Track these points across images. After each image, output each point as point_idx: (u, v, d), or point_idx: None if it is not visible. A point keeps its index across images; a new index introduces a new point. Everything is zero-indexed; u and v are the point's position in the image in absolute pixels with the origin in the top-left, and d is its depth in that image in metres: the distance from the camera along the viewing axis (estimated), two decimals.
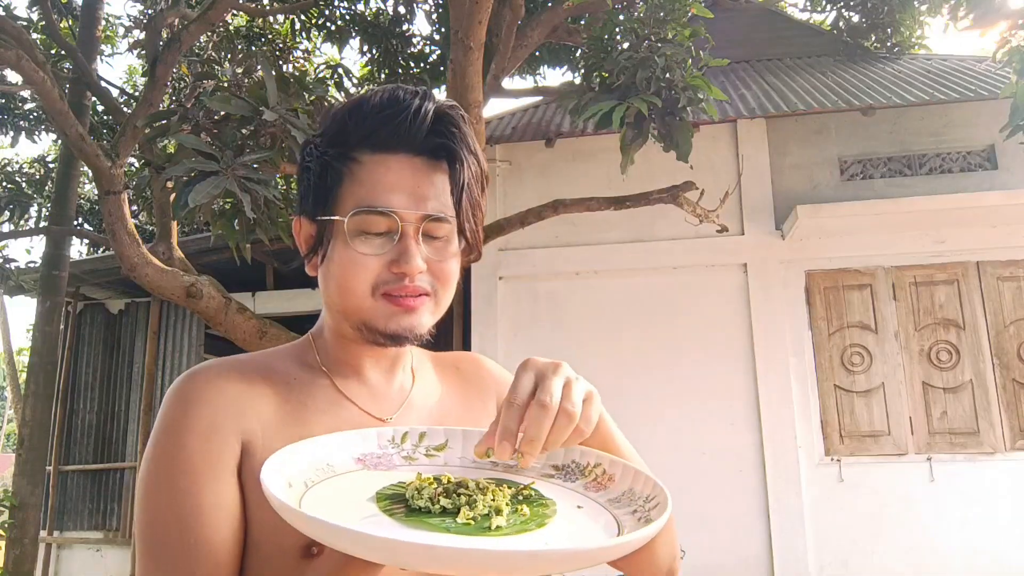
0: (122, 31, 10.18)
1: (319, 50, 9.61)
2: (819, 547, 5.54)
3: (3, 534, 6.15)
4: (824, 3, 8.40)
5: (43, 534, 6.97)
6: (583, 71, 5.07)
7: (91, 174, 5.59)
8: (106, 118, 8.68)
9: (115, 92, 9.01)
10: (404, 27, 7.95)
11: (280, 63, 8.00)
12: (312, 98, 4.30)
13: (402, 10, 7.92)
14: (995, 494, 5.42)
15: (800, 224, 5.64)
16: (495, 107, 15.34)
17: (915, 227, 5.78)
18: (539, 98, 7.56)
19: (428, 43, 8.09)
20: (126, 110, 6.03)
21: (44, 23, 6.37)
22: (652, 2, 4.33)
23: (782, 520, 5.58)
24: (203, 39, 7.58)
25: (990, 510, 5.40)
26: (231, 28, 8.07)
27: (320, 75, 7.75)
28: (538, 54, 8.02)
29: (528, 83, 9.18)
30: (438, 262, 0.79)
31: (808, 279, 5.98)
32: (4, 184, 8.22)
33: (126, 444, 7.59)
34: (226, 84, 4.57)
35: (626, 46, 4.36)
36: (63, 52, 6.34)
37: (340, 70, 7.63)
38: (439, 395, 0.91)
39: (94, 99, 6.74)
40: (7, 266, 7.13)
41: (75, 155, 5.34)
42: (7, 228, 7.97)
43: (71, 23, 7.71)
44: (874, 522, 5.52)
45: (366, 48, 7.89)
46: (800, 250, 6.00)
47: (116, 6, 40.48)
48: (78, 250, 10.94)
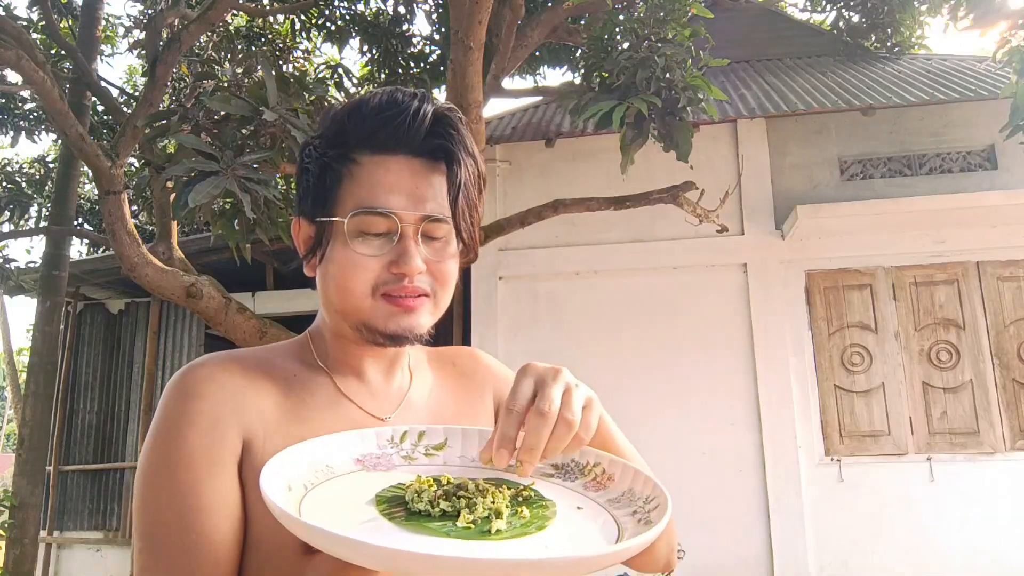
0: (122, 31, 10.18)
1: (319, 50, 9.62)
2: (819, 547, 5.54)
3: (3, 534, 6.15)
4: (824, 3, 8.39)
5: (43, 534, 6.97)
6: (583, 71, 5.07)
7: (91, 174, 5.59)
8: (106, 118, 8.67)
9: (115, 92, 9.01)
10: (404, 27, 7.95)
11: (280, 63, 7.99)
12: (312, 98, 4.30)
13: (402, 10, 7.92)
14: (995, 494, 5.42)
15: (800, 224, 5.64)
16: (495, 107, 15.35)
17: (915, 227, 5.78)
18: (539, 98, 7.55)
19: (428, 43, 8.09)
20: (126, 110, 6.03)
21: (44, 23, 6.36)
22: (652, 2, 4.33)
23: (782, 520, 5.58)
24: (203, 39, 7.57)
25: (990, 510, 5.40)
26: (231, 28, 8.07)
27: (320, 75, 7.75)
28: (538, 54, 8.02)
29: (528, 83, 9.18)
30: (437, 263, 0.79)
31: (808, 279, 5.98)
32: (4, 184, 8.21)
33: (126, 444, 7.59)
34: (226, 84, 4.56)
35: (626, 46, 4.35)
36: (63, 52, 6.33)
37: (340, 70, 7.63)
38: (437, 392, 0.91)
39: (94, 99, 6.74)
40: (7, 266, 7.12)
41: (75, 155, 5.33)
42: (7, 228, 7.97)
43: (71, 23, 7.71)
44: (874, 522, 5.52)
45: (366, 48, 7.89)
46: (800, 250, 6.00)
47: (116, 6, 40.50)
48: (78, 250, 10.96)
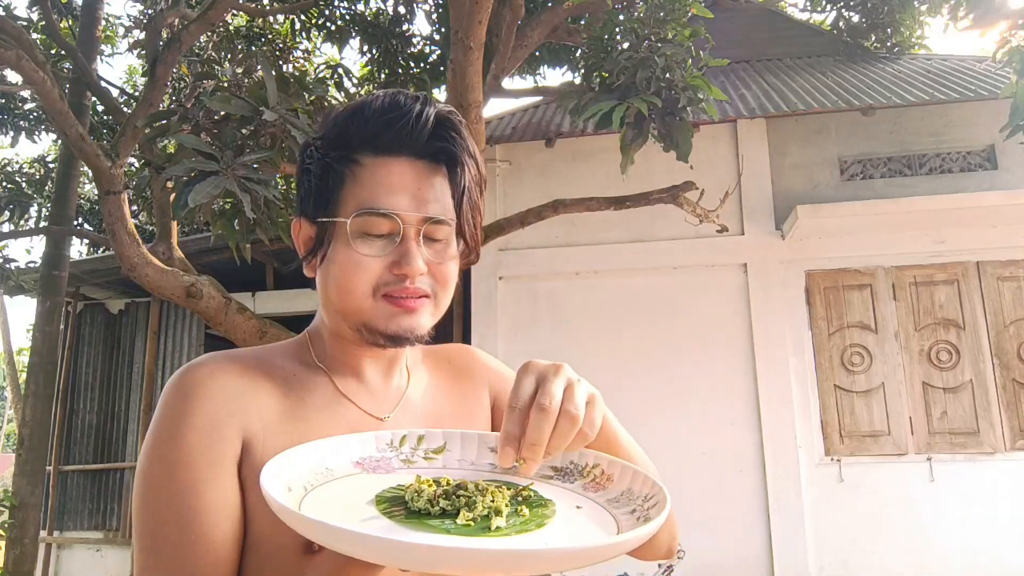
0: (122, 31, 10.18)
1: (319, 50, 9.62)
2: (819, 547, 5.54)
3: (3, 534, 6.15)
4: (824, 3, 8.39)
5: (43, 534, 6.97)
6: (583, 71, 5.07)
7: (91, 174, 5.59)
8: (106, 118, 8.67)
9: (115, 92, 9.00)
10: (404, 27, 7.95)
11: (280, 63, 7.99)
12: (312, 98, 4.30)
13: (402, 10, 7.92)
14: (995, 494, 5.42)
15: (800, 224, 5.64)
16: (495, 107, 15.36)
17: (915, 227, 5.78)
18: (539, 98, 7.55)
19: (428, 43, 8.09)
20: (126, 110, 6.03)
21: (44, 23, 6.37)
22: (652, 2, 4.33)
23: (782, 520, 5.58)
24: (203, 39, 7.57)
25: (990, 510, 5.40)
26: (231, 28, 8.07)
27: (320, 75, 7.74)
28: (538, 54, 8.02)
29: (528, 83, 9.18)
30: (438, 264, 0.79)
31: (808, 279, 5.98)
32: (4, 184, 8.21)
33: (126, 444, 7.60)
34: (226, 84, 4.56)
35: (626, 46, 4.35)
36: (63, 52, 6.33)
37: (340, 70, 7.62)
38: (433, 391, 0.91)
39: (94, 99, 6.74)
40: (7, 266, 7.12)
41: (75, 155, 5.33)
42: (7, 228, 7.97)
43: (71, 23, 7.71)
44: (874, 522, 5.52)
45: (366, 48, 7.89)
46: (800, 250, 6.00)
47: (116, 6, 40.50)
48: (78, 250, 10.95)
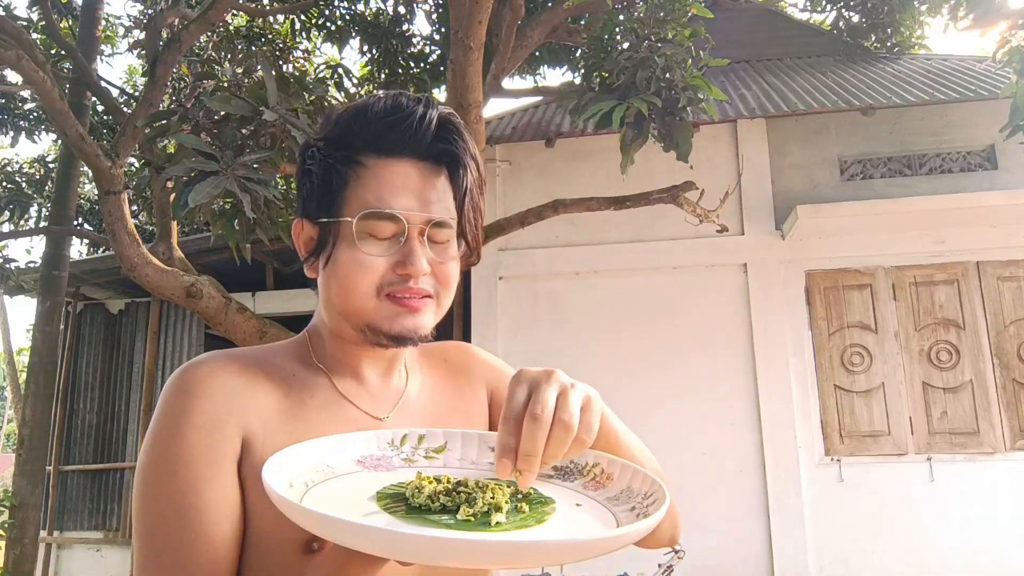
0: (122, 31, 10.18)
1: (319, 50, 9.62)
2: (819, 547, 5.54)
3: (3, 534, 6.15)
4: (824, 3, 8.39)
5: (43, 534, 6.97)
6: (583, 71, 5.07)
7: (91, 174, 5.59)
8: (106, 118, 8.68)
9: (115, 92, 9.01)
10: (404, 27, 7.95)
11: (280, 63, 7.99)
12: (312, 98, 4.30)
13: (402, 10, 7.92)
14: (995, 494, 5.42)
15: (800, 224, 5.65)
16: (495, 107, 15.34)
17: (915, 227, 5.78)
18: (539, 98, 7.55)
19: (428, 43, 8.09)
20: (126, 110, 6.03)
21: (44, 23, 6.37)
22: (652, 2, 4.33)
23: (782, 520, 5.58)
24: (203, 39, 7.57)
25: (990, 510, 5.40)
26: (231, 28, 8.07)
27: (320, 75, 7.74)
28: (538, 54, 8.02)
29: (528, 83, 9.18)
30: (440, 264, 0.80)
31: (808, 279, 5.98)
32: (4, 184, 8.21)
33: (126, 444, 7.59)
34: (226, 84, 4.56)
35: (626, 46, 4.35)
36: (63, 52, 6.33)
37: (340, 70, 7.62)
38: (432, 390, 0.92)
39: (94, 99, 6.74)
40: (7, 266, 7.12)
41: (75, 155, 5.33)
42: (7, 228, 7.97)
43: (71, 23, 7.71)
44: (874, 522, 5.52)
45: (366, 48, 7.89)
46: (800, 250, 6.00)
47: (116, 6, 40.50)
48: (78, 250, 10.96)
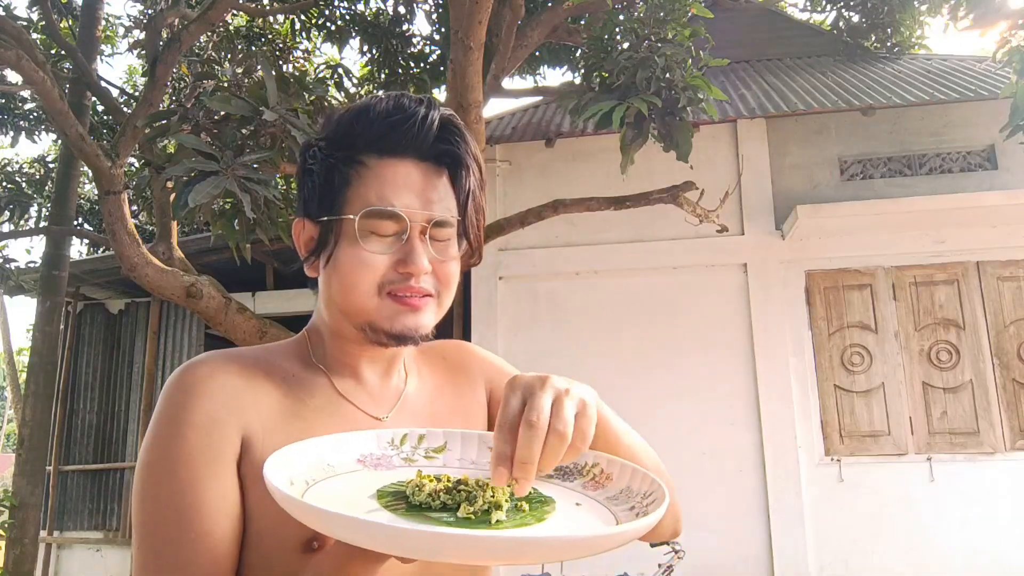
0: (122, 31, 10.18)
1: (319, 50, 9.62)
2: (819, 547, 5.54)
3: (3, 534, 6.15)
4: (824, 3, 8.39)
5: (43, 534, 6.97)
6: (583, 71, 5.07)
7: (91, 174, 5.59)
8: (106, 118, 8.68)
9: (115, 92, 9.00)
10: (404, 27, 7.95)
11: (280, 63, 8.00)
12: (312, 98, 4.30)
13: (402, 10, 7.92)
14: (995, 494, 5.42)
15: (800, 224, 5.65)
16: (495, 107, 15.36)
17: (915, 227, 5.78)
18: (539, 98, 7.55)
19: (428, 43, 8.09)
20: (126, 110, 6.03)
21: (44, 23, 6.37)
22: (652, 2, 4.33)
23: (782, 520, 5.58)
24: (203, 39, 7.58)
25: (990, 510, 5.40)
26: (231, 28, 8.07)
27: (320, 75, 7.74)
28: (538, 54, 8.02)
29: (528, 83, 9.18)
30: (441, 263, 0.80)
31: (808, 279, 5.98)
32: (4, 184, 8.21)
33: (126, 444, 7.59)
34: (226, 84, 4.56)
35: (626, 46, 4.35)
36: (63, 52, 6.33)
37: (340, 70, 7.62)
38: (431, 389, 0.92)
39: (94, 99, 6.74)
40: (7, 266, 7.12)
41: (75, 155, 5.33)
42: (7, 228, 7.97)
43: (71, 23, 7.71)
44: (874, 522, 5.52)
45: (366, 48, 7.89)
46: (800, 250, 6.00)
47: (116, 6, 40.49)
48: (78, 250, 10.95)
